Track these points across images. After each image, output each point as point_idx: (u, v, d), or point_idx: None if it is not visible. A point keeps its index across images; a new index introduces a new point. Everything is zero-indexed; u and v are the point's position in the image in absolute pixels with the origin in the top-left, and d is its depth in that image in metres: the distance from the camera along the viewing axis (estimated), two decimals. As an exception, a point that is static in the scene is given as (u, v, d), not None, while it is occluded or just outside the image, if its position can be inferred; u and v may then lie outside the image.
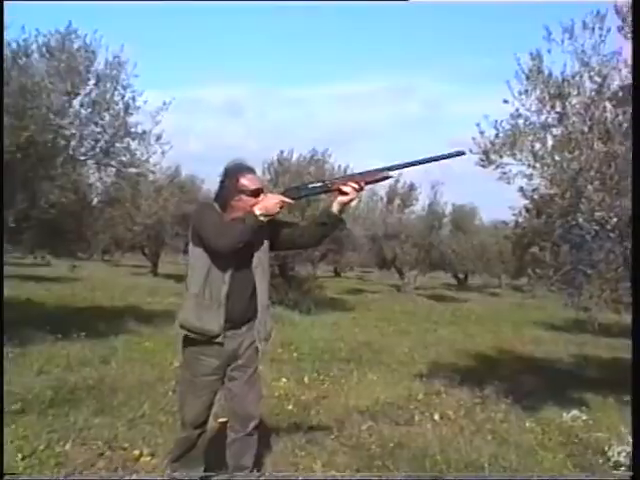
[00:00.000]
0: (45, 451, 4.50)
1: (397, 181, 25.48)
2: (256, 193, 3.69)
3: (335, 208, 3.79)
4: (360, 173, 3.82)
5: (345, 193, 3.73)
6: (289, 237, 3.93)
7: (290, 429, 5.40)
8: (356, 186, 3.73)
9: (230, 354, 3.74)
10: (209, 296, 3.65)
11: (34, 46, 8.26)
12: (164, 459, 4.36)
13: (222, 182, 3.77)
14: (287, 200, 3.68)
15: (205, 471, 3.95)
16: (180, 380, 4.01)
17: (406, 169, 3.89)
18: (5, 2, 5.53)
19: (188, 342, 3.74)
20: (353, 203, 4.44)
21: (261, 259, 3.80)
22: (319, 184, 3.85)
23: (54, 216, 8.62)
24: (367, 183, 3.85)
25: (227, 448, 3.88)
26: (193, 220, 3.77)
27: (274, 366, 8.08)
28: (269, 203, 3.61)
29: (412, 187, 25.65)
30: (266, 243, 3.82)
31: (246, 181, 3.69)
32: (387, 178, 3.88)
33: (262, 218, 3.58)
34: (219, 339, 3.67)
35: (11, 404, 5.39)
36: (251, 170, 3.79)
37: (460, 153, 3.72)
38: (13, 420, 5.06)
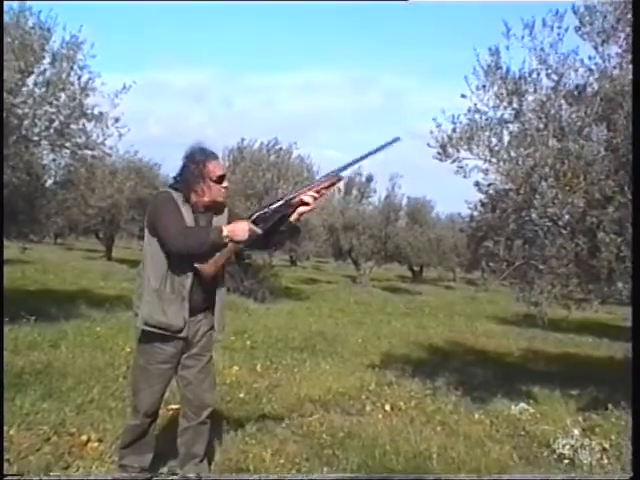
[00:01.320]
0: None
1: (357, 173, 25.57)
2: (221, 179, 3.67)
3: (293, 217, 3.79)
4: (311, 182, 3.87)
5: (307, 204, 3.74)
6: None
7: (241, 417, 5.38)
8: (316, 195, 3.74)
9: (185, 342, 3.71)
10: (170, 290, 3.59)
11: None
12: (112, 445, 4.31)
13: (185, 167, 3.71)
14: (256, 230, 3.61)
15: (154, 458, 3.92)
16: (133, 367, 3.97)
17: (358, 164, 3.93)
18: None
19: (146, 331, 3.70)
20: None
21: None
22: (281, 202, 3.79)
23: (6, 197, 8.43)
24: (325, 189, 3.87)
25: (179, 435, 3.87)
26: (151, 211, 3.69)
27: (227, 354, 8.05)
28: (238, 230, 3.57)
29: (370, 179, 25.75)
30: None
31: (212, 167, 3.66)
32: (339, 180, 3.92)
33: (226, 240, 3.55)
34: (183, 333, 3.63)
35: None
36: (216, 156, 3.77)
37: (395, 140, 3.78)
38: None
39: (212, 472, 4.13)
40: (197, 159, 3.67)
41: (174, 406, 4.91)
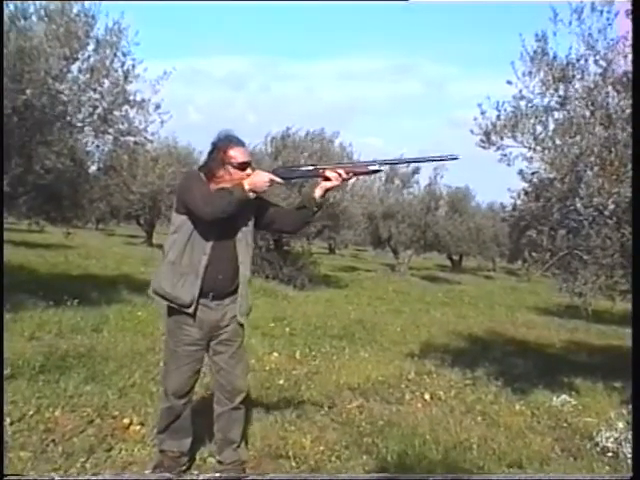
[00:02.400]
0: (34, 416, 4.49)
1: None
2: (243, 166, 3.66)
3: (317, 193, 3.78)
4: (352, 163, 3.83)
5: (329, 179, 3.72)
6: (271, 219, 3.93)
7: (280, 404, 5.40)
8: (343, 174, 3.72)
9: (213, 325, 3.73)
10: (187, 264, 3.63)
11: (32, 9, 8.13)
12: (154, 428, 4.36)
13: (210, 152, 3.75)
14: (276, 179, 3.64)
15: (193, 443, 3.95)
16: (164, 349, 4.01)
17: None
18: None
19: (172, 311, 3.74)
20: (351, 180, 4.38)
21: (245, 233, 3.78)
22: (310, 168, 3.82)
23: (50, 182, 8.55)
24: (356, 174, 3.85)
25: (215, 422, 3.89)
26: (179, 187, 3.76)
27: (266, 340, 8.08)
28: (258, 180, 3.59)
29: (416, 170, 25.35)
30: (252, 219, 3.80)
31: (234, 153, 3.66)
32: (377, 172, 3.89)
33: (250, 193, 3.56)
34: (190, 309, 3.65)
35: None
36: (241, 142, 3.75)
37: (454, 157, 3.69)
38: (2, 385, 5.05)
39: (251, 458, 4.16)
40: (219, 145, 3.70)
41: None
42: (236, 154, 3.66)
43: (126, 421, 4.57)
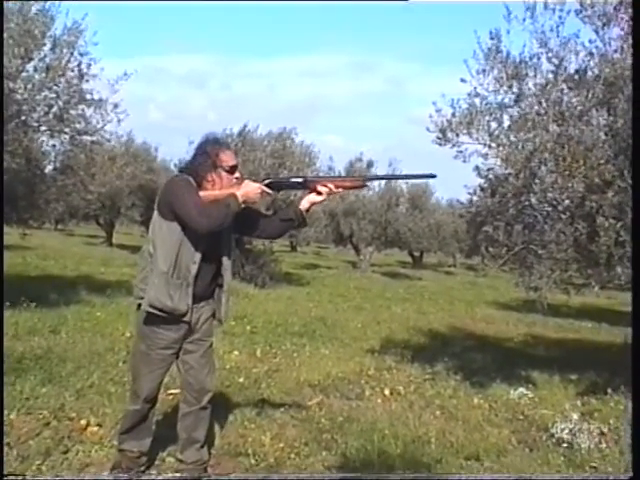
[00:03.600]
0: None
1: (357, 159, 25.52)
2: (233, 170, 3.66)
3: (304, 206, 3.79)
4: (341, 177, 3.85)
5: (319, 193, 3.74)
6: (254, 225, 3.92)
7: (240, 402, 5.41)
8: (333, 188, 3.74)
9: (188, 328, 3.71)
10: (177, 275, 3.57)
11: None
12: (112, 429, 4.33)
13: (197, 156, 3.70)
14: (267, 191, 3.65)
15: (152, 443, 3.93)
16: (133, 352, 3.95)
17: (382, 180, 3.97)
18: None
19: (149, 317, 3.68)
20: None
21: (228, 239, 3.79)
22: (300, 180, 3.84)
23: (5, 182, 8.40)
24: (345, 188, 3.87)
25: (179, 420, 3.86)
26: (167, 194, 3.64)
27: (227, 339, 8.06)
28: (251, 190, 3.59)
29: (371, 164, 25.62)
30: (232, 224, 3.77)
31: (225, 156, 3.65)
32: (364, 187, 3.93)
33: (242, 205, 3.56)
34: (186, 317, 3.63)
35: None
36: (228, 145, 3.80)
37: (432, 176, 3.81)
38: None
39: (211, 457, 4.15)
40: (210, 149, 3.66)
41: (174, 391, 4.93)
42: (227, 158, 3.65)
43: (83, 422, 4.52)
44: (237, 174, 3.69)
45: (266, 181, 3.75)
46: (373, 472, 4.13)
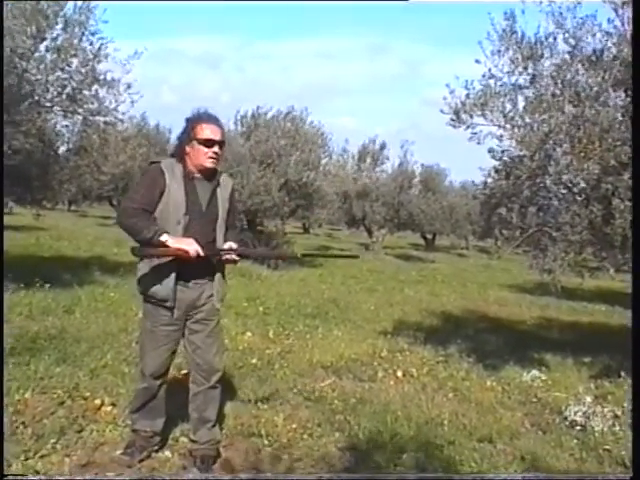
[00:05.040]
0: (4, 399, 4.45)
1: (370, 140, 25.48)
2: (209, 143, 3.61)
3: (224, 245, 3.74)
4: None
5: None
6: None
7: (253, 382, 5.42)
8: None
9: (189, 304, 3.71)
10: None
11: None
12: (125, 409, 4.35)
13: (182, 131, 3.72)
14: (200, 254, 3.51)
15: (165, 423, 3.96)
16: (141, 331, 3.98)
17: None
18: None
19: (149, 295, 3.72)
20: (324, 160, 4.27)
21: (224, 218, 3.76)
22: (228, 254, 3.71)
23: (19, 163, 8.42)
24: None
25: (190, 401, 3.88)
26: None
27: (239, 320, 8.09)
28: (182, 245, 3.50)
29: (383, 146, 25.59)
30: (229, 204, 3.78)
31: (201, 129, 3.62)
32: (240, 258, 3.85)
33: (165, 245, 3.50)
34: (168, 303, 3.65)
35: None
36: (212, 119, 3.70)
37: (354, 256, 3.83)
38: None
39: (224, 437, 4.18)
40: (190, 122, 3.67)
41: (187, 371, 4.94)
42: (203, 130, 3.61)
43: (97, 402, 4.56)
44: (216, 148, 3.63)
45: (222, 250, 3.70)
46: (385, 454, 4.14)
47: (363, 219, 25.84)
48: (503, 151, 6.27)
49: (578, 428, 4.89)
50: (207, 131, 3.62)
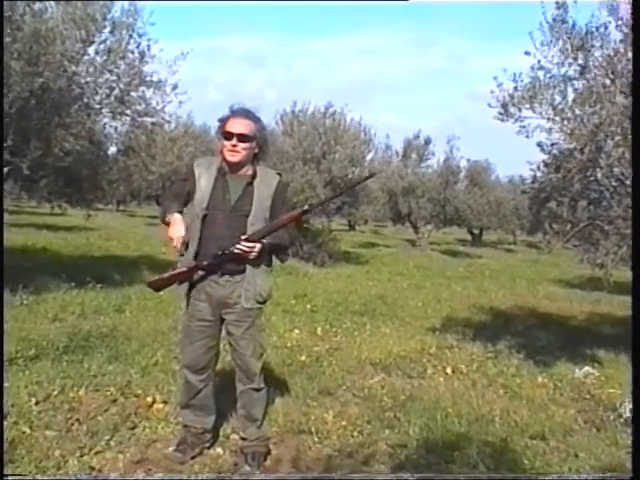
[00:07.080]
0: (58, 396, 4.55)
1: (415, 135, 25.33)
2: (229, 136, 3.63)
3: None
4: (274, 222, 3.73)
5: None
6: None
7: (302, 380, 5.43)
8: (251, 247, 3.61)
9: (220, 301, 3.72)
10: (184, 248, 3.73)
11: (48, -8, 8.12)
12: (177, 406, 4.40)
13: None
14: (178, 244, 3.62)
15: (216, 419, 3.99)
16: (181, 326, 4.05)
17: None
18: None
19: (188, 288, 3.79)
20: (369, 156, 4.28)
21: (259, 214, 3.70)
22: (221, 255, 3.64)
23: (69, 164, 8.57)
24: (280, 226, 3.76)
25: (238, 399, 3.91)
26: None
27: (287, 317, 8.11)
28: (171, 230, 3.65)
29: (428, 141, 25.39)
30: (268, 202, 3.74)
31: (226, 124, 3.67)
32: (299, 217, 3.85)
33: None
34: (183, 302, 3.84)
35: (26, 350, 5.45)
36: (240, 113, 3.71)
37: (371, 175, 3.84)
38: (27, 366, 5.13)
39: (274, 434, 4.19)
40: (224, 117, 3.74)
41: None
42: (227, 124, 3.66)
43: (149, 399, 4.62)
44: (234, 141, 3.62)
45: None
46: (436, 451, 4.11)
47: (409, 215, 25.69)
48: (552, 144, 6.16)
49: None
50: (231, 124, 3.66)
